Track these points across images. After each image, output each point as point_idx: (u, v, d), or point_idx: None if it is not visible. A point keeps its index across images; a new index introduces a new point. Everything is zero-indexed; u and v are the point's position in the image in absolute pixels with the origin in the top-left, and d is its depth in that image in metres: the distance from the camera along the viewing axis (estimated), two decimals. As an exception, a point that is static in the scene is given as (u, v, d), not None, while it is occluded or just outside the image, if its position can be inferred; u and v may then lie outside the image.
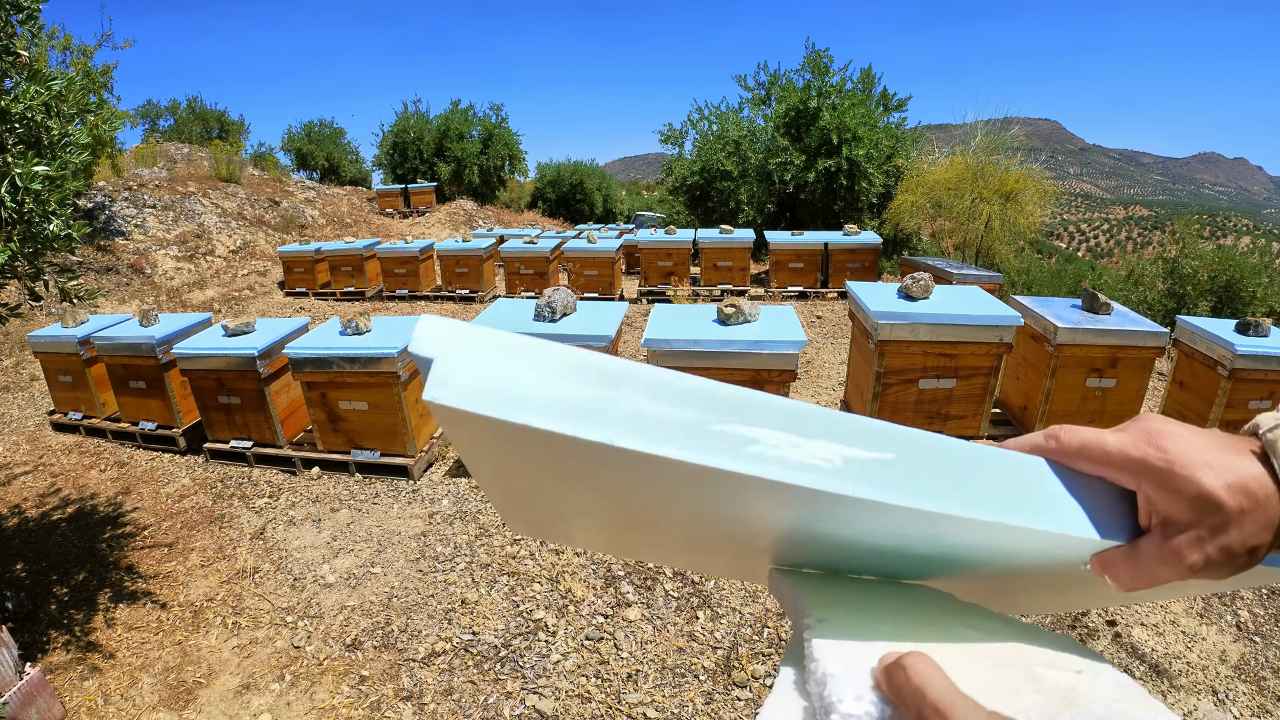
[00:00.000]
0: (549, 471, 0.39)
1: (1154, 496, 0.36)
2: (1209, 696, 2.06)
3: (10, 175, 1.71)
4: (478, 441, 0.37)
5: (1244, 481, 0.35)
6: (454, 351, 0.33)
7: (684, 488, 0.35)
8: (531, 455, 0.36)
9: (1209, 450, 0.36)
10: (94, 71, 8.53)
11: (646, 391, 0.34)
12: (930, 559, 0.42)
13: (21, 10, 1.85)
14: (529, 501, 0.48)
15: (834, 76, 11.77)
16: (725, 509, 0.38)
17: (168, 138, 15.47)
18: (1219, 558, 0.35)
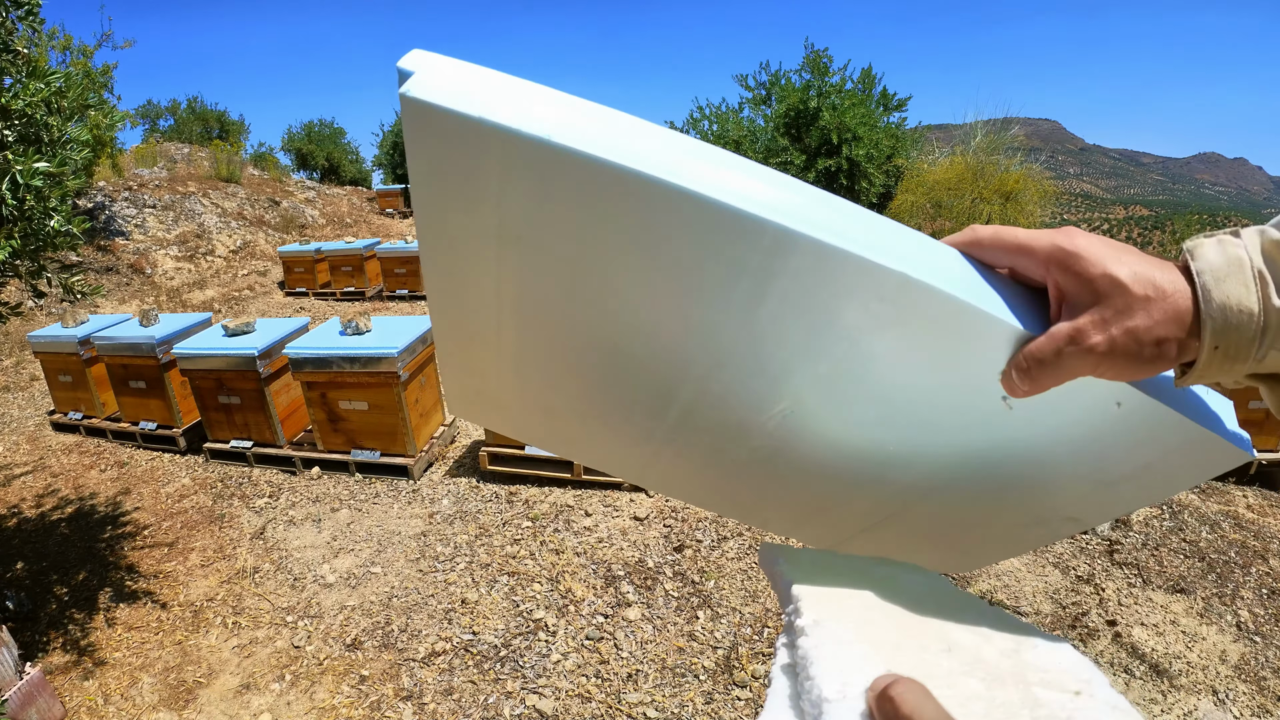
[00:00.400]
0: (493, 220, 0.38)
1: (1061, 281, 0.37)
2: (1209, 696, 2.06)
3: (11, 172, 1.71)
4: (435, 170, 0.37)
5: (1150, 274, 0.35)
6: (440, 66, 0.35)
7: (621, 215, 0.36)
8: (483, 186, 0.36)
9: (1122, 251, 0.36)
10: (94, 71, 8.53)
11: (602, 121, 0.35)
12: (844, 353, 0.41)
13: (21, 6, 1.85)
14: (466, 313, 0.46)
15: (834, 76, 11.77)
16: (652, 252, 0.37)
17: (168, 138, 15.47)
18: (1124, 341, 0.35)
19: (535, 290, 0.43)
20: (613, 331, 0.44)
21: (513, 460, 3.43)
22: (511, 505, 3.25)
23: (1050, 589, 2.54)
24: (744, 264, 0.37)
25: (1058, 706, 0.33)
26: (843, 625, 0.37)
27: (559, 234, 0.38)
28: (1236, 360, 0.36)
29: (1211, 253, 0.35)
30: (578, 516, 3.11)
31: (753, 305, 0.39)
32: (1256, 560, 2.67)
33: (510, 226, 0.38)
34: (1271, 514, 3.03)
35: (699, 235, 0.36)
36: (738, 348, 0.42)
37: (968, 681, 0.34)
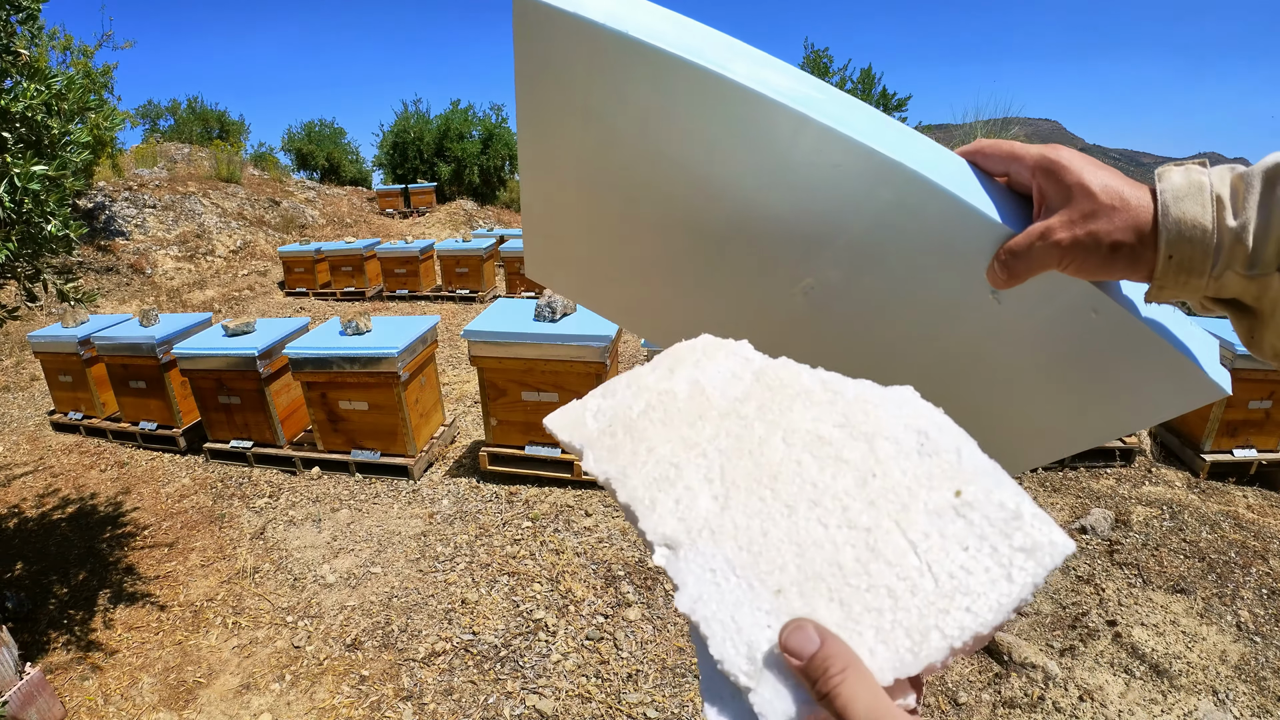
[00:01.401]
0: (578, 98, 0.46)
1: (1043, 185, 0.42)
2: (1209, 696, 2.06)
3: (9, 175, 1.71)
4: (535, 57, 0.45)
5: (1119, 188, 0.40)
6: None
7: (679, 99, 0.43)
8: (571, 69, 0.44)
9: (1100, 168, 0.41)
10: (94, 72, 8.53)
11: (675, 24, 0.43)
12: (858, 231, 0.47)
13: (21, 9, 1.85)
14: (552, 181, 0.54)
15: (834, 76, 11.77)
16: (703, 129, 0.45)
17: (168, 138, 15.46)
18: (1085, 240, 0.40)
19: (608, 158, 0.50)
20: (667, 201, 0.52)
21: (513, 460, 3.43)
22: (511, 505, 3.25)
23: (1050, 589, 2.54)
24: (771, 141, 0.44)
25: (950, 534, 0.32)
26: (698, 541, 0.35)
27: (631, 111, 0.46)
28: (1192, 274, 0.39)
29: (1176, 176, 0.40)
30: (578, 516, 3.11)
31: (779, 178, 0.46)
32: (1256, 560, 2.67)
33: (595, 104, 0.46)
34: (1271, 514, 3.03)
35: (736, 118, 0.43)
36: (770, 223, 0.49)
37: (851, 549, 0.32)
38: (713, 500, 0.36)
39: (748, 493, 0.36)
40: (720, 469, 0.37)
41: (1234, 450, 3.29)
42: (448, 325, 6.71)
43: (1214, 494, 3.19)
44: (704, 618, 0.33)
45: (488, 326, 3.19)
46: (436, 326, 3.68)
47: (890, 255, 0.47)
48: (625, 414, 0.42)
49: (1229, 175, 0.39)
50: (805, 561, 0.33)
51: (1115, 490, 3.23)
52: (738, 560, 0.34)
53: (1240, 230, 0.37)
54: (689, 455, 0.39)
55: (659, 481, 0.38)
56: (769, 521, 0.35)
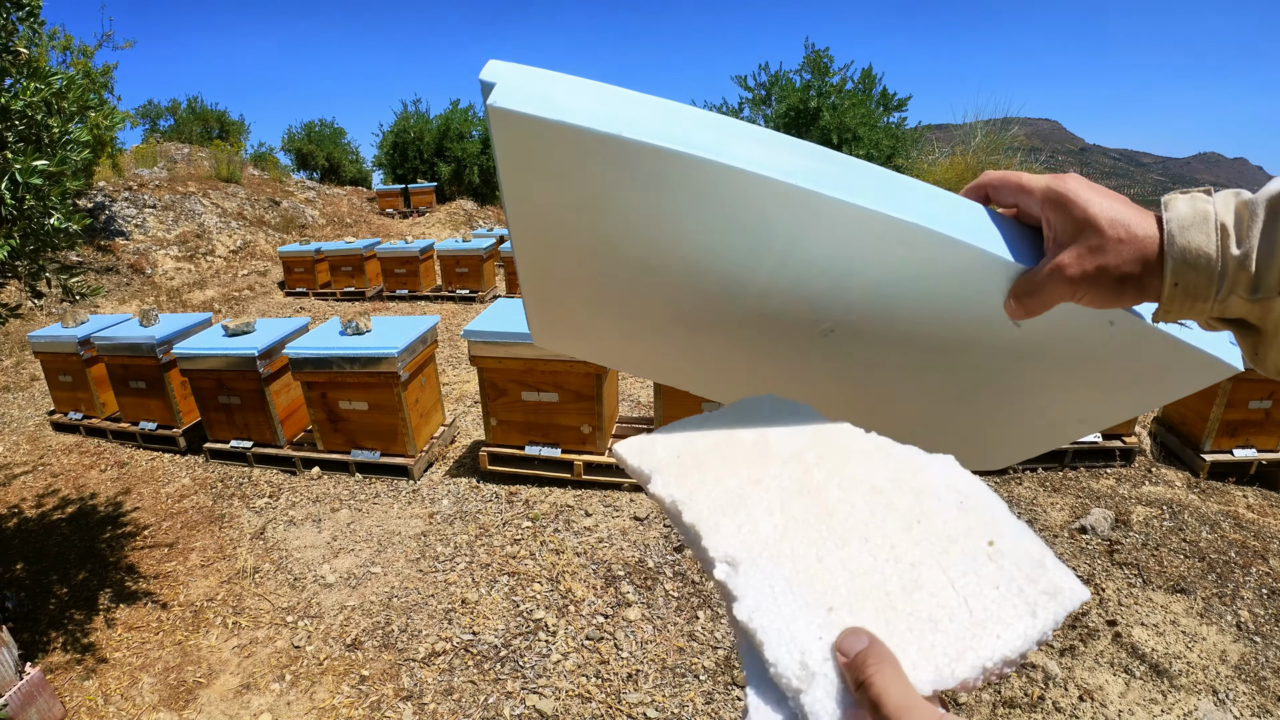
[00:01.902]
0: (571, 194, 0.45)
1: (1052, 219, 0.43)
2: (1209, 696, 2.06)
3: (10, 172, 1.71)
4: (520, 161, 0.44)
5: (1126, 219, 0.41)
6: (514, 78, 0.41)
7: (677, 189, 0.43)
8: (559, 168, 0.42)
9: (1107, 197, 0.42)
10: (94, 71, 8.53)
11: (665, 112, 0.42)
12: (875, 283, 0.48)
13: (21, 8, 1.85)
14: (550, 264, 0.53)
15: (834, 76, 11.76)
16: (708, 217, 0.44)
17: (168, 138, 15.46)
18: (1095, 274, 0.42)
19: (608, 240, 0.50)
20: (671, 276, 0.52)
21: (513, 460, 3.43)
22: (511, 505, 3.25)
23: (1050, 589, 2.54)
24: (776, 224, 0.44)
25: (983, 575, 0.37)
26: (759, 560, 0.39)
27: (630, 201, 0.46)
28: (1197, 299, 0.41)
29: (1182, 206, 0.41)
30: (578, 516, 3.11)
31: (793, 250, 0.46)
32: (1256, 560, 2.67)
33: (588, 197, 0.45)
34: (1271, 514, 3.03)
35: (744, 201, 0.43)
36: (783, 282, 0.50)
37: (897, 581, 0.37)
38: (773, 528, 0.41)
39: (805, 525, 0.41)
40: (781, 503, 0.42)
41: (1234, 450, 3.29)
42: (448, 325, 6.71)
43: (1214, 494, 3.19)
44: (761, 626, 0.36)
45: (488, 326, 3.19)
46: (436, 326, 3.68)
47: (910, 298, 0.49)
48: (693, 449, 0.47)
49: (1233, 202, 0.40)
50: (856, 586, 0.37)
51: (1115, 490, 3.23)
52: (794, 580, 0.38)
53: (1244, 258, 0.38)
54: (753, 489, 0.43)
55: (724, 508, 0.42)
56: (824, 550, 0.39)
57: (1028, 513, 3.05)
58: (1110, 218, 0.41)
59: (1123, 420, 0.57)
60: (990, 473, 3.38)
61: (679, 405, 3.17)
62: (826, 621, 0.35)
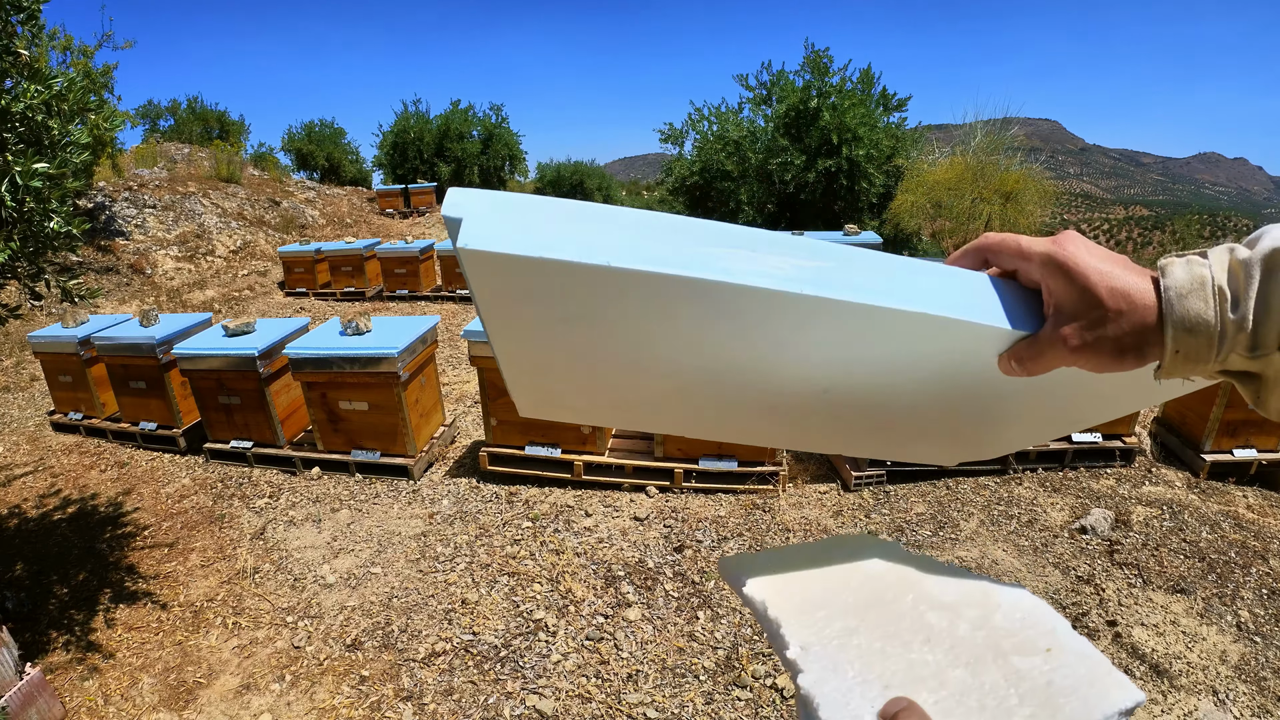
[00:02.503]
0: (553, 308, 0.45)
1: (1052, 287, 0.44)
2: (1209, 696, 2.06)
3: (10, 174, 1.71)
4: (500, 289, 0.43)
5: (1126, 288, 0.42)
6: (478, 210, 0.40)
7: (671, 306, 0.42)
8: (542, 294, 0.42)
9: (1105, 262, 0.43)
10: (94, 71, 8.53)
11: (634, 227, 0.41)
12: (871, 386, 0.50)
13: (22, 10, 1.85)
14: (530, 352, 0.53)
15: (834, 76, 11.76)
16: (689, 327, 0.44)
17: (168, 138, 15.46)
18: (1096, 345, 0.42)
19: (598, 350, 0.50)
20: (658, 373, 0.52)
21: (513, 460, 3.44)
22: (511, 505, 3.25)
23: (1050, 589, 2.54)
24: (781, 323, 0.44)
25: (1037, 674, 0.40)
26: (828, 646, 0.44)
27: (621, 319, 0.45)
28: (1197, 362, 0.41)
29: (1179, 271, 0.41)
30: (578, 517, 3.11)
31: (792, 349, 0.47)
32: (1256, 560, 2.67)
33: (572, 312, 0.45)
34: (1271, 514, 3.03)
35: (731, 311, 0.43)
36: (773, 378, 0.51)
37: (954, 673, 0.41)
38: (845, 628, 0.46)
39: (875, 626, 0.46)
40: (857, 610, 0.47)
41: (1234, 450, 3.29)
42: (448, 325, 6.72)
43: (1214, 494, 3.19)
44: (822, 694, 0.40)
45: (488, 327, 3.19)
46: (436, 326, 3.68)
47: (908, 369, 0.50)
48: (787, 564, 0.53)
49: (1227, 259, 0.41)
50: (914, 673, 0.41)
51: (1115, 490, 3.23)
52: (857, 663, 0.42)
53: (1241, 320, 0.39)
54: (834, 597, 0.49)
55: (805, 607, 0.48)
56: (890, 646, 0.43)
57: (1027, 513, 3.06)
58: (1110, 287, 0.42)
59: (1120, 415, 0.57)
60: (991, 474, 3.38)
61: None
62: (880, 695, 0.39)
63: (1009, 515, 3.04)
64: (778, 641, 0.46)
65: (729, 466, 3.23)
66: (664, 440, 3.28)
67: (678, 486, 3.27)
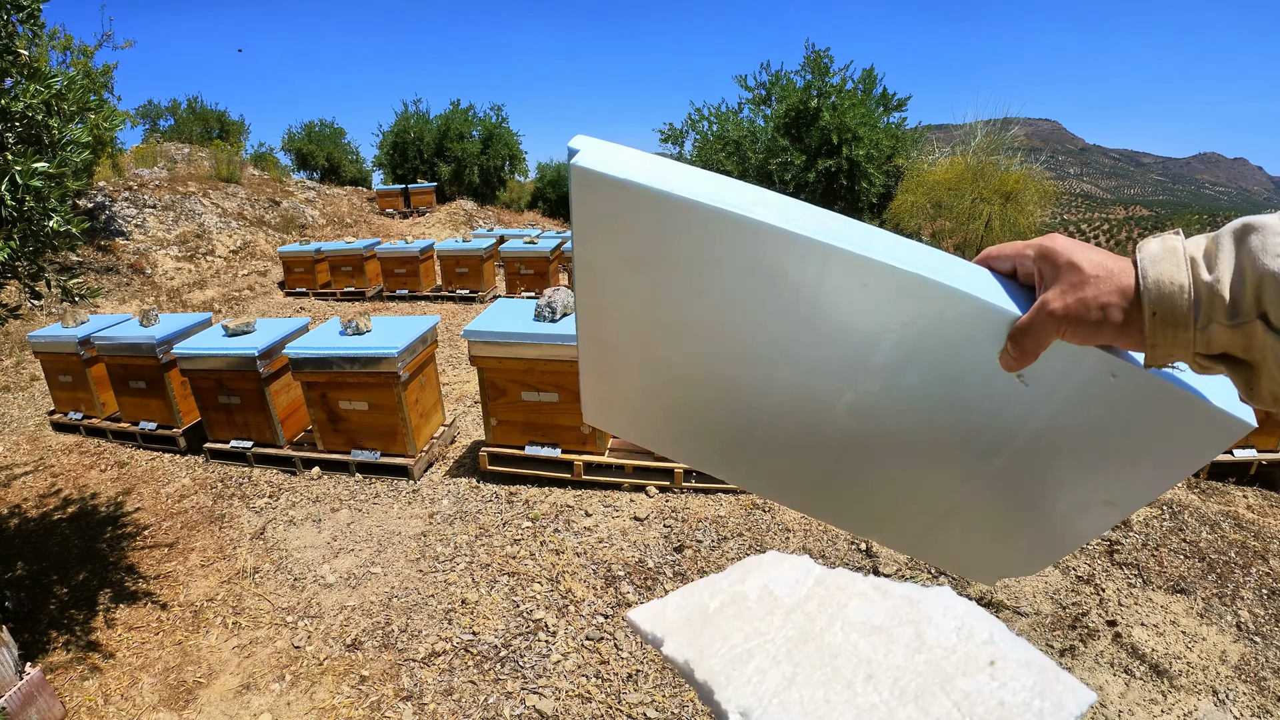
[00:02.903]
0: (637, 248, 0.51)
1: (1042, 269, 0.48)
2: (1209, 696, 2.06)
3: (10, 173, 1.71)
4: (594, 218, 0.50)
5: (1104, 260, 0.46)
6: (597, 146, 0.48)
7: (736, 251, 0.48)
8: (630, 225, 0.49)
9: (1088, 249, 0.47)
10: (94, 71, 8.53)
11: (713, 183, 0.47)
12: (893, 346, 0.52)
13: (22, 9, 1.85)
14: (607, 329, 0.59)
15: (834, 77, 11.77)
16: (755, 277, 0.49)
17: (168, 138, 15.46)
18: (1077, 307, 0.45)
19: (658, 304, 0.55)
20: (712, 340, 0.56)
21: (513, 460, 3.44)
22: (511, 505, 3.25)
23: (1050, 589, 2.54)
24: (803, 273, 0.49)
25: (987, 695, 0.39)
26: (769, 707, 0.42)
27: (677, 258, 0.51)
28: (1178, 327, 0.43)
29: (1153, 244, 0.45)
30: (578, 517, 3.11)
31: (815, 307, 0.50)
32: (1256, 560, 2.67)
33: (644, 254, 0.51)
34: (1271, 514, 3.03)
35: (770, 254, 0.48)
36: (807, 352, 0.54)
37: (904, 711, 0.40)
38: (781, 676, 0.44)
39: (812, 669, 0.44)
40: (787, 652, 0.46)
41: (1234, 450, 3.29)
42: (448, 325, 6.72)
43: (1214, 494, 3.19)
44: None
45: (488, 326, 3.19)
46: (436, 326, 3.68)
47: (922, 360, 0.52)
48: (703, 610, 0.51)
49: (1203, 241, 0.44)
50: None
51: (1115, 490, 3.23)
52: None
53: (1215, 283, 0.41)
54: (760, 641, 0.47)
55: (734, 662, 0.46)
56: (831, 692, 0.42)
57: (1028, 513, 3.05)
58: (1090, 259, 0.46)
59: (1151, 498, 0.57)
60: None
61: (679, 405, 3.17)
62: None
63: (1009, 515, 3.04)
64: (714, 707, 0.44)
65: (729, 466, 3.22)
66: (664, 440, 3.28)
67: (678, 486, 3.27)
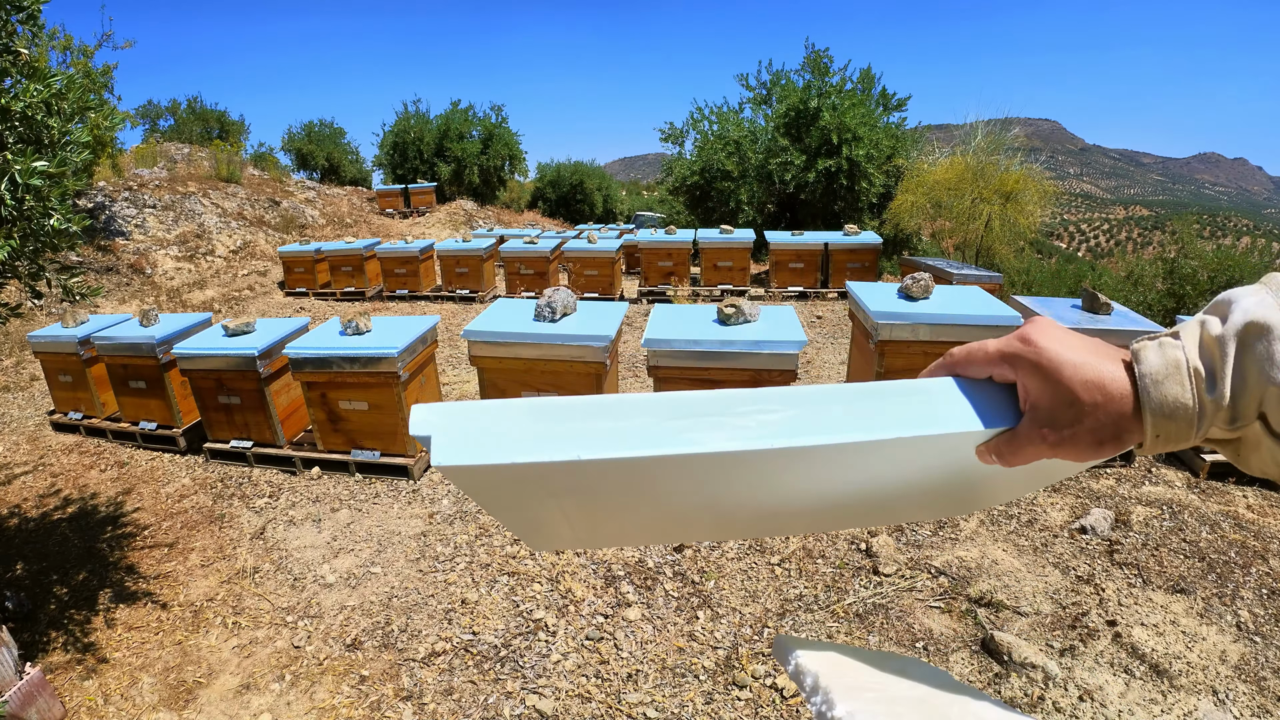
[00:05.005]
0: (537, 491, 0.47)
1: (1027, 385, 0.43)
2: (1209, 696, 2.06)
3: (10, 173, 1.71)
4: (483, 486, 0.45)
5: (1101, 379, 0.41)
6: (445, 425, 0.42)
7: (654, 478, 0.44)
8: (521, 483, 0.44)
9: (1078, 352, 0.42)
10: (94, 71, 8.53)
11: (594, 413, 0.42)
12: (861, 491, 0.50)
13: (22, 9, 1.85)
14: (527, 517, 0.55)
15: (834, 76, 11.77)
16: (675, 486, 0.46)
17: (168, 138, 15.46)
18: (1074, 440, 0.42)
19: (587, 508, 0.52)
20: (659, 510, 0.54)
21: (513, 460, 3.43)
22: (511, 505, 3.25)
23: (1050, 589, 2.54)
24: (761, 473, 0.45)
25: None
26: (874, 717, 0.43)
27: (594, 487, 0.47)
28: (1179, 442, 0.41)
29: (1153, 356, 0.41)
30: (578, 516, 3.11)
31: (773, 488, 0.49)
32: (1256, 560, 2.67)
33: (558, 488, 0.47)
34: (1271, 514, 3.03)
35: (721, 470, 0.44)
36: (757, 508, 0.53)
37: None
38: (892, 712, 0.45)
39: (922, 716, 0.45)
40: (905, 701, 0.47)
41: (1234, 450, 3.29)
42: (448, 325, 6.72)
43: (1214, 494, 3.19)
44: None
45: (488, 326, 3.19)
46: (436, 326, 3.68)
47: (893, 478, 0.51)
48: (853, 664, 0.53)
49: (1198, 334, 0.40)
50: None
51: (1115, 490, 3.23)
52: None
53: (1219, 399, 0.39)
54: (886, 684, 0.49)
55: (855, 687, 0.47)
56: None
57: (1028, 513, 3.06)
58: (1084, 380, 0.41)
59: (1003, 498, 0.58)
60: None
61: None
62: None
63: (1008, 515, 3.04)
64: (825, 705, 0.45)
65: (729, 466, 3.22)
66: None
67: (678, 486, 3.26)
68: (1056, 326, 0.44)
